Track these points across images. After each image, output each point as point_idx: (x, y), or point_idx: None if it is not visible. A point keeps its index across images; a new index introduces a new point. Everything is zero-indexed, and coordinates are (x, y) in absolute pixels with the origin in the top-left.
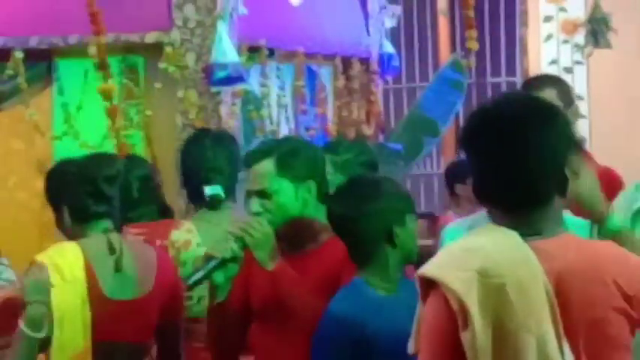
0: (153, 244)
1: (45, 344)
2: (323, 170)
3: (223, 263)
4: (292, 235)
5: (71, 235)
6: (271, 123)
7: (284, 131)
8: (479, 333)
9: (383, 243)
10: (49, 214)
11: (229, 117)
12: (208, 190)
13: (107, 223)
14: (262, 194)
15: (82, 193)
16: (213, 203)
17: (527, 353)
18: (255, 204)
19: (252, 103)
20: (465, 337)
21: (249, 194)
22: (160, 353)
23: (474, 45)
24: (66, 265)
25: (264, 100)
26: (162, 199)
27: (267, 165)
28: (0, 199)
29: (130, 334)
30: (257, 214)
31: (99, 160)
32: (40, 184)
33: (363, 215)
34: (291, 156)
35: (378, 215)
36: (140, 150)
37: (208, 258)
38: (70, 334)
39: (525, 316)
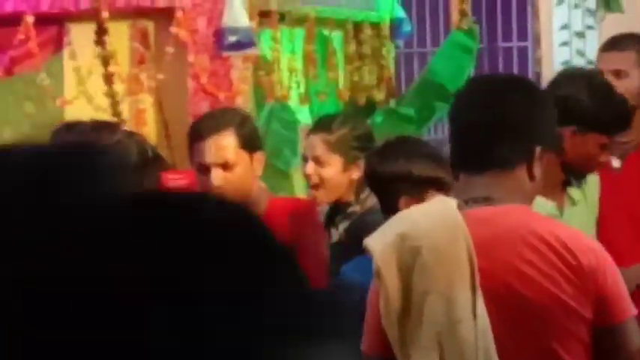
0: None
1: None
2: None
3: None
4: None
5: None
6: (282, 88)
7: (294, 96)
8: (391, 295)
9: (396, 211)
10: None
11: (240, 82)
12: None
13: None
14: (225, 166)
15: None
16: None
17: (432, 314)
18: (218, 176)
19: (263, 67)
20: (380, 299)
21: (207, 167)
22: None
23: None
24: None
25: (274, 64)
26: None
27: (229, 136)
28: None
29: None
30: (217, 187)
31: (100, 128)
32: None
33: (375, 176)
34: (248, 127)
35: (387, 180)
36: (151, 115)
37: None
38: None
39: (436, 279)
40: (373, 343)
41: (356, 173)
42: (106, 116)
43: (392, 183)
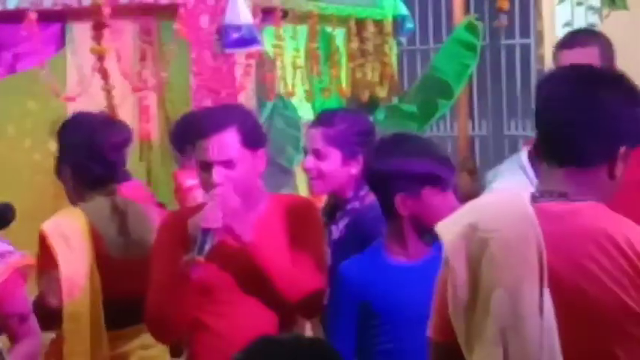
0: None
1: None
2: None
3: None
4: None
5: (74, 195)
6: (285, 85)
7: (298, 93)
8: (459, 286)
9: (393, 208)
10: None
11: (243, 79)
12: None
13: (111, 187)
14: (227, 164)
15: (87, 158)
16: None
17: (498, 308)
18: (219, 174)
19: (266, 64)
20: (448, 288)
21: (208, 165)
22: None
23: (504, 4)
24: (72, 233)
25: (277, 61)
26: None
27: (231, 134)
28: (15, 160)
29: (138, 291)
30: (219, 184)
31: (107, 125)
32: (54, 145)
33: (372, 173)
34: (251, 125)
35: (383, 177)
36: (154, 111)
37: (205, 230)
38: (81, 300)
39: (504, 273)
40: (440, 330)
41: (355, 168)
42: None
43: (388, 180)
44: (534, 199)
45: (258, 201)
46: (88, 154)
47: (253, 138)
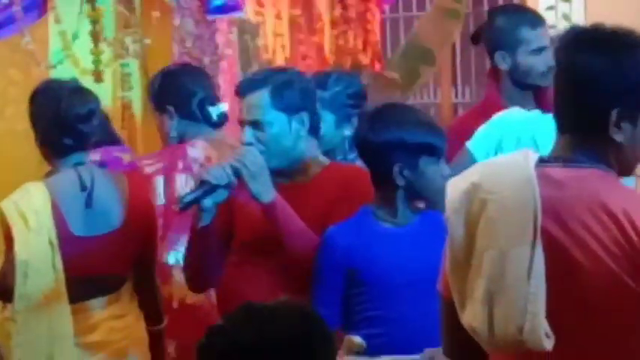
0: (174, 169)
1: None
2: (315, 102)
3: (215, 189)
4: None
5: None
6: (267, 52)
7: (280, 60)
8: (455, 245)
9: (389, 179)
10: None
11: (226, 46)
12: (217, 109)
13: (79, 157)
14: (256, 125)
15: (53, 128)
16: (222, 122)
17: (486, 269)
18: (248, 134)
19: (248, 31)
20: (446, 245)
21: (242, 124)
22: (136, 283)
23: None
24: (31, 213)
25: (260, 29)
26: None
27: (262, 95)
28: None
29: (104, 267)
30: (249, 144)
31: (74, 95)
32: None
33: (367, 144)
34: (285, 87)
35: (379, 148)
36: (136, 79)
37: (202, 182)
38: (36, 281)
39: (497, 234)
40: (446, 286)
41: (348, 131)
42: (87, 80)
43: (384, 151)
44: (541, 163)
45: (308, 166)
46: (54, 124)
47: (289, 101)
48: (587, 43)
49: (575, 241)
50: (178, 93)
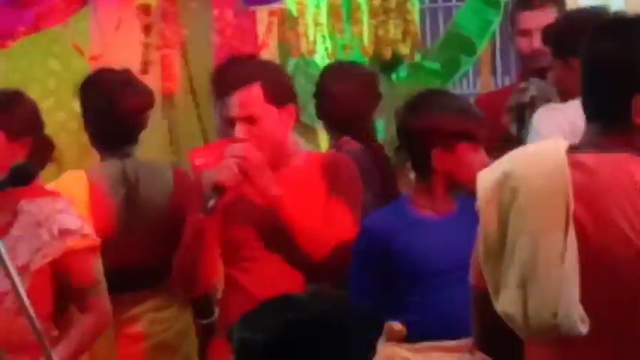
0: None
1: None
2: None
3: (226, 189)
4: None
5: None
6: (307, 42)
7: (320, 50)
8: (488, 234)
9: (427, 165)
10: None
11: (266, 36)
12: None
13: (128, 149)
14: (249, 120)
15: (105, 119)
16: None
17: (520, 255)
18: (242, 130)
19: (288, 21)
20: (479, 234)
21: (232, 120)
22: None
23: None
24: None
25: (299, 19)
26: None
27: (254, 90)
28: None
29: (146, 259)
30: (243, 140)
31: (129, 87)
32: (77, 105)
33: (406, 129)
34: (275, 80)
35: (418, 134)
36: (176, 70)
37: (217, 186)
38: None
39: (529, 221)
40: (478, 276)
41: None
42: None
43: (424, 135)
44: (572, 150)
45: (290, 157)
46: (106, 116)
47: (279, 93)
48: (604, 31)
49: (608, 225)
50: None
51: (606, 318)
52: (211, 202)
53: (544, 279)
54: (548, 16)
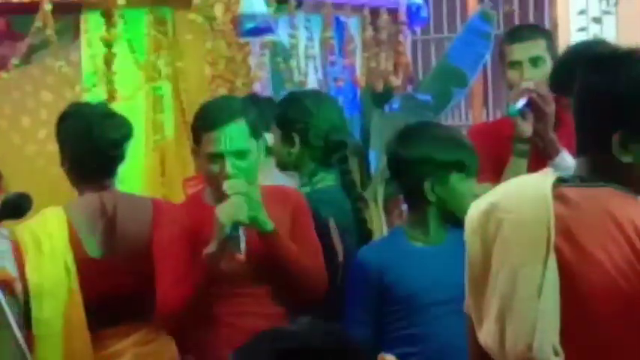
0: None
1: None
2: None
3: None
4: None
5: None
6: (299, 74)
7: (312, 82)
8: (472, 264)
9: (420, 196)
10: None
11: (258, 68)
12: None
13: (106, 182)
14: (239, 155)
15: (84, 152)
16: None
17: (500, 287)
18: (231, 165)
19: (280, 54)
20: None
21: (216, 156)
22: None
23: None
24: (45, 238)
25: (292, 51)
26: None
27: (241, 125)
28: (30, 151)
29: (125, 288)
30: (232, 176)
31: (107, 120)
32: None
33: (398, 161)
34: (254, 115)
35: (411, 164)
36: (168, 102)
37: (236, 224)
38: (53, 306)
39: (510, 253)
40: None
41: None
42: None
43: (416, 166)
44: (559, 183)
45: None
46: (85, 148)
47: (257, 128)
48: (591, 65)
49: (589, 260)
50: None
51: (587, 349)
52: (243, 245)
53: (521, 312)
54: (537, 47)
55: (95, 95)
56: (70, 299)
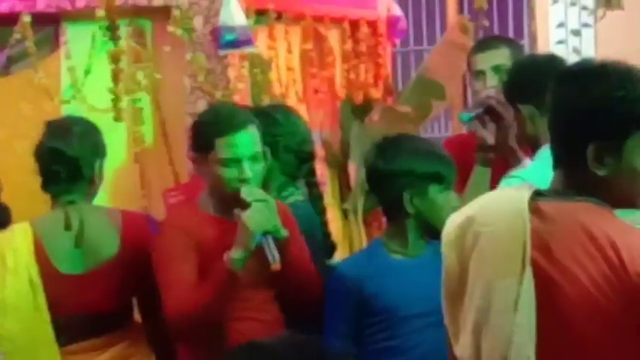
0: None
1: None
2: None
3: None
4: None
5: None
6: (280, 86)
7: (292, 94)
8: (449, 277)
9: (399, 208)
10: None
11: (237, 80)
12: None
13: (69, 197)
14: (254, 159)
15: (44, 164)
16: None
17: (475, 301)
18: (249, 169)
19: (259, 66)
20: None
21: (233, 161)
22: (143, 320)
23: (483, 3)
24: (10, 252)
25: (272, 63)
26: None
27: (254, 130)
28: (9, 164)
29: (97, 305)
30: (248, 180)
31: (53, 132)
32: None
33: (377, 173)
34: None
35: (389, 177)
36: (148, 113)
37: (266, 233)
38: (17, 321)
39: (486, 267)
40: None
41: None
42: (99, 116)
43: (394, 179)
44: (537, 196)
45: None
46: (46, 165)
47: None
48: (563, 79)
49: (565, 274)
50: None
51: None
52: (276, 254)
53: (497, 325)
54: (500, 56)
55: (73, 107)
56: (35, 315)
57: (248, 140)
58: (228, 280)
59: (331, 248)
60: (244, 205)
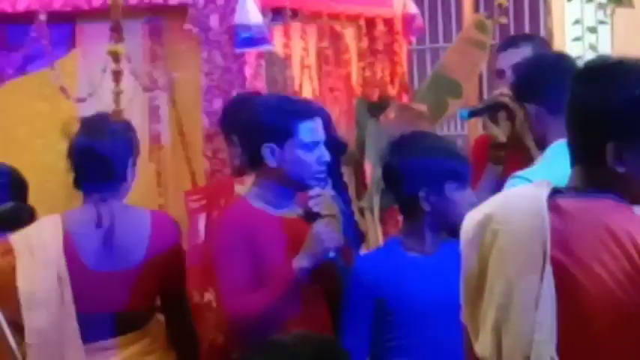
0: (215, 207)
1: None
2: None
3: None
4: None
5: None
6: (295, 84)
7: (307, 92)
8: (468, 275)
9: (415, 206)
10: None
11: (254, 78)
12: None
13: (101, 195)
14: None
15: (77, 162)
16: None
17: (496, 298)
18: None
19: (276, 64)
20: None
21: (314, 144)
22: (166, 323)
23: (503, 0)
24: (39, 245)
25: (287, 61)
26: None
27: None
28: (26, 162)
29: (123, 304)
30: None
31: (86, 129)
32: (65, 147)
33: (393, 171)
34: None
35: (405, 175)
36: (164, 111)
37: (332, 216)
38: (44, 314)
39: (506, 265)
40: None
41: None
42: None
43: (410, 176)
44: (555, 194)
45: None
46: (79, 162)
47: None
48: (581, 76)
49: (585, 271)
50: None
51: None
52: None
53: (518, 323)
54: (521, 55)
55: (90, 106)
56: (62, 309)
57: (321, 125)
58: (293, 285)
59: (362, 237)
60: (310, 207)
